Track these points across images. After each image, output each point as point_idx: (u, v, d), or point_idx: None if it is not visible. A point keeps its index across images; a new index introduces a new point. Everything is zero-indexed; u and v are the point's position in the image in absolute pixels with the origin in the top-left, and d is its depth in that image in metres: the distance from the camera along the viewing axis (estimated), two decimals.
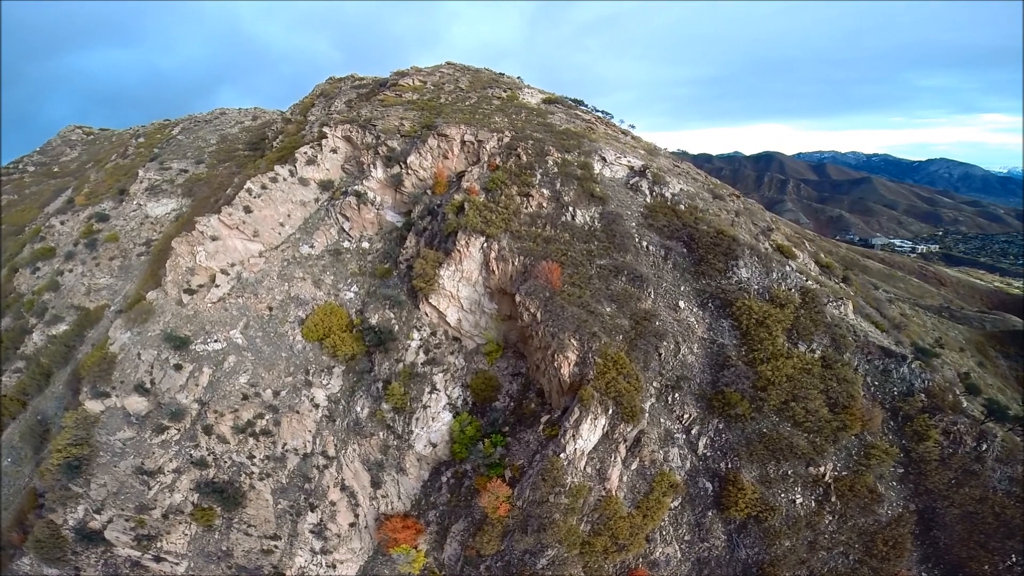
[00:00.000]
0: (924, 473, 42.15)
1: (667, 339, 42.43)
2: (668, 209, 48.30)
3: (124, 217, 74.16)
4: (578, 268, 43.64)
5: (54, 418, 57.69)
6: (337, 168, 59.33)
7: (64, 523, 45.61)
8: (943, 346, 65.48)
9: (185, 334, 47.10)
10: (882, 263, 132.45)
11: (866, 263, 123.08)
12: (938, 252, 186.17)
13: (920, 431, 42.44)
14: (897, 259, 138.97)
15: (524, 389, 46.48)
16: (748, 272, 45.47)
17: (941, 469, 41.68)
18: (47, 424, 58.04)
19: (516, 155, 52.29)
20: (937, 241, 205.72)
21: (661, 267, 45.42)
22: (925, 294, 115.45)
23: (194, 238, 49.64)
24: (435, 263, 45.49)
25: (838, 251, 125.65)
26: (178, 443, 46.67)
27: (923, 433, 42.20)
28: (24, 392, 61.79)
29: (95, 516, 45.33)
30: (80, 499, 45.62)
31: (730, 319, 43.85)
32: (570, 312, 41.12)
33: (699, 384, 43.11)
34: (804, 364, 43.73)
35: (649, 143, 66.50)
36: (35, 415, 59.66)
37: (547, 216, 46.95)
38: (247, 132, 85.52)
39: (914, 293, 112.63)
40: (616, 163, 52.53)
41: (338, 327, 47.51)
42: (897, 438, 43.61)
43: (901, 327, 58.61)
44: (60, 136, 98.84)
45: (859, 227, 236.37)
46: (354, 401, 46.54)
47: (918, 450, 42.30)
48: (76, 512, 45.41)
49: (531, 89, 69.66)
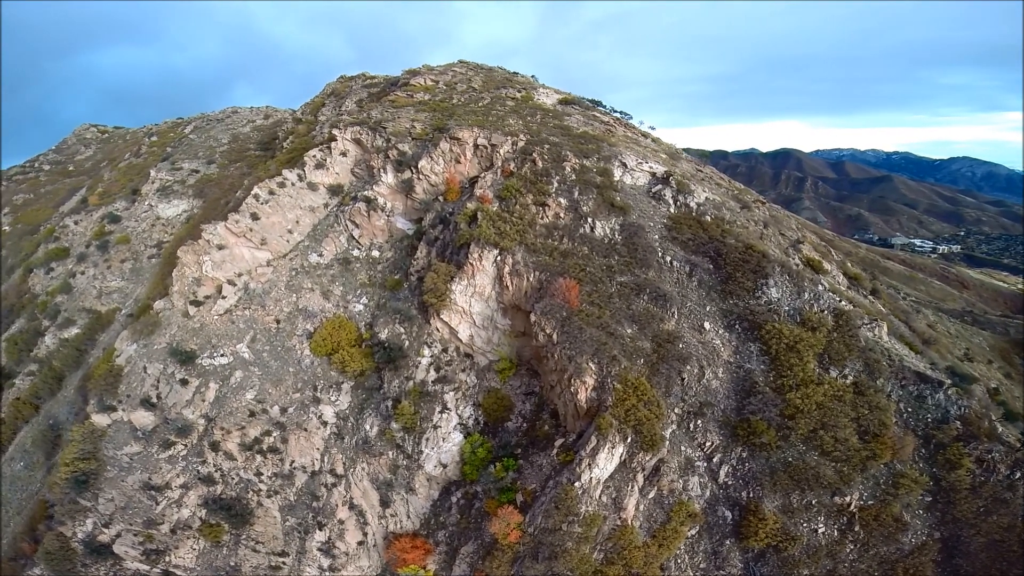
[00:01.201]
0: (953, 502, 39.49)
1: (691, 363, 39.32)
2: (693, 221, 44.69)
3: (136, 218, 72.27)
4: (597, 285, 40.45)
5: (65, 423, 56.38)
6: (347, 172, 56.45)
7: (73, 535, 44.37)
8: (972, 359, 61.63)
9: (191, 348, 44.94)
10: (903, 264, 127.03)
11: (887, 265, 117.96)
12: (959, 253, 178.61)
13: (953, 460, 39.65)
14: (918, 261, 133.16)
15: (537, 409, 43.80)
16: (778, 292, 41.89)
17: (971, 497, 39.01)
18: (59, 429, 56.80)
19: (531, 160, 48.93)
20: (959, 241, 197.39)
21: (685, 285, 42.01)
22: (947, 297, 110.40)
23: (200, 247, 47.26)
24: (446, 277, 42.59)
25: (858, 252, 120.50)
26: (185, 459, 44.89)
27: (956, 462, 39.48)
28: (37, 396, 60.61)
29: (104, 530, 43.98)
30: (89, 512, 44.28)
31: (758, 343, 40.49)
32: (588, 334, 38.09)
33: (723, 411, 40.13)
34: (835, 391, 40.62)
35: (670, 146, 62.53)
36: (47, 419, 58.46)
37: (564, 228, 43.67)
38: (259, 131, 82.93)
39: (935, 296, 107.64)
40: (637, 169, 48.91)
41: (347, 342, 45.00)
42: (928, 466, 40.75)
43: (930, 342, 54.82)
44: (75, 135, 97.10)
45: (878, 226, 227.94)
46: (363, 419, 44.20)
47: (949, 479, 39.58)
48: (85, 525, 44.11)
49: (546, 89, 65.82)
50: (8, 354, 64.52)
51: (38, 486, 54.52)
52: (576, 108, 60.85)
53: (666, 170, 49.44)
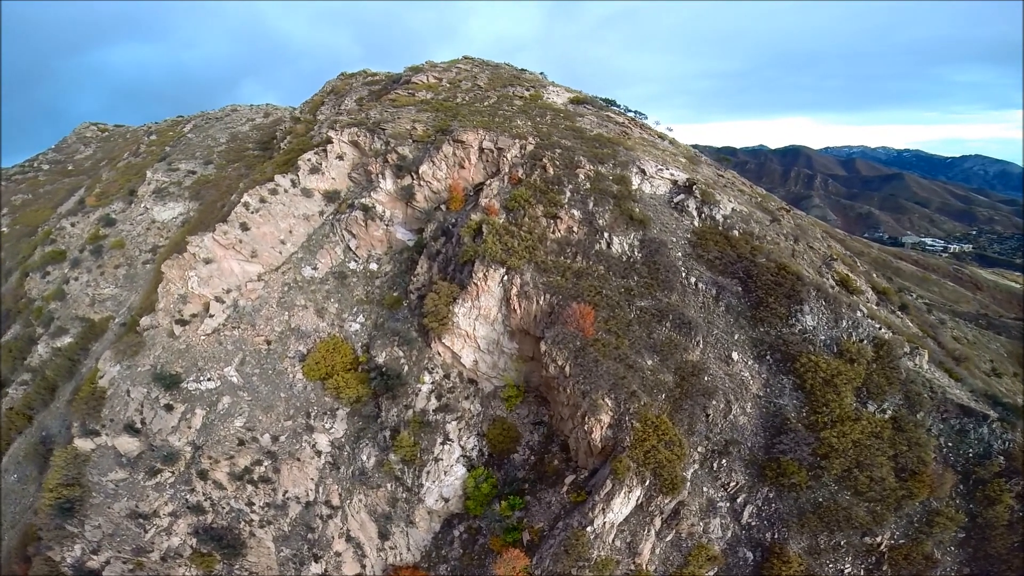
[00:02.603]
0: (988, 538, 35.10)
1: (717, 397, 34.35)
2: (720, 236, 39.24)
3: (131, 221, 67.74)
4: (615, 311, 35.35)
5: (57, 437, 52.72)
6: (344, 177, 51.35)
7: (62, 560, 40.88)
8: (1000, 374, 56.36)
9: (176, 371, 40.52)
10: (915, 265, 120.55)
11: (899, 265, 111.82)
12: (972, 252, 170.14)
13: (992, 496, 35.22)
14: (931, 261, 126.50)
15: (546, 441, 39.10)
16: (814, 319, 36.49)
17: (1007, 533, 34.68)
18: (51, 443, 53.11)
19: (541, 167, 43.55)
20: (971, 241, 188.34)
21: (712, 310, 36.75)
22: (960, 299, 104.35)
23: (185, 261, 42.58)
24: (449, 298, 37.66)
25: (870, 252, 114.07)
26: (173, 486, 40.85)
27: (995, 498, 35.07)
28: (30, 406, 56.89)
29: (93, 556, 40.45)
30: (76, 538, 40.66)
31: (792, 376, 35.29)
32: (605, 367, 33.11)
33: (750, 449, 35.27)
34: (873, 427, 35.62)
35: (688, 149, 56.67)
36: (40, 431, 54.79)
37: (578, 243, 38.42)
38: (258, 130, 77.77)
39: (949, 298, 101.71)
40: (657, 176, 43.36)
41: (342, 366, 40.35)
42: (964, 502, 36.08)
43: (961, 359, 49.49)
44: (75, 133, 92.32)
45: (889, 225, 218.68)
46: (359, 448, 39.73)
47: (986, 515, 35.18)
48: (73, 551, 40.52)
49: (556, 87, 59.88)
50: (3, 362, 60.78)
51: (31, 500, 51.23)
52: (589, 108, 55.07)
53: (688, 177, 43.86)
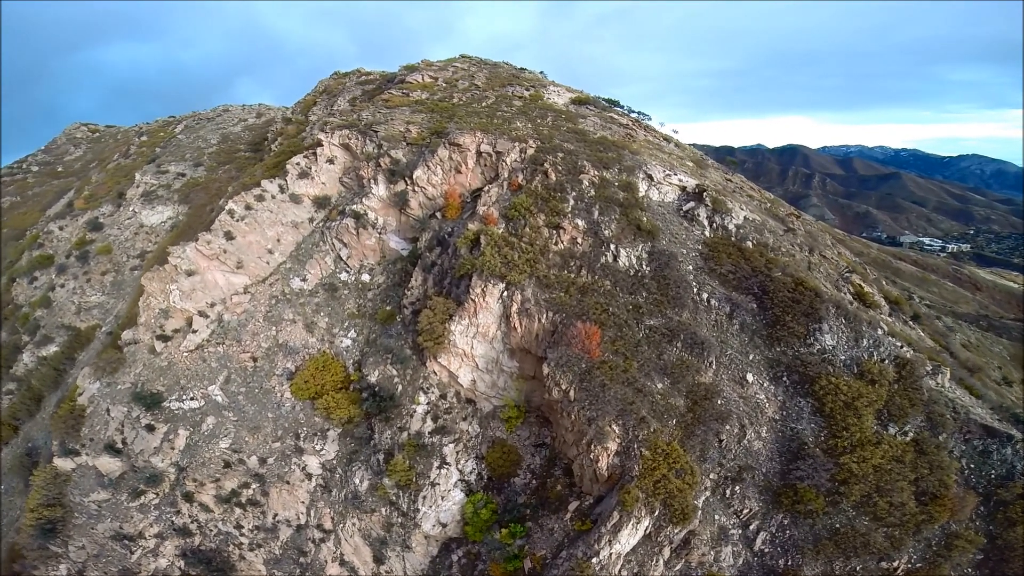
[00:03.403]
0: (1006, 559, 33.10)
1: (730, 421, 31.66)
2: (732, 248, 36.28)
3: (119, 226, 64.51)
4: (622, 330, 32.47)
5: (43, 448, 50.20)
6: (334, 182, 48.19)
7: None
8: (1011, 382, 53.87)
9: (158, 389, 37.67)
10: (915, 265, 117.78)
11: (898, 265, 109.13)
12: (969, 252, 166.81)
13: (1014, 517, 33.08)
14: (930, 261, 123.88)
15: (549, 464, 36.40)
16: (834, 338, 33.63)
17: None
18: (36, 455, 50.56)
19: (543, 172, 40.46)
20: (968, 240, 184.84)
21: (726, 329, 33.88)
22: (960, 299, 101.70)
23: (167, 273, 39.56)
24: (444, 315, 34.77)
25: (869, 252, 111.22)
26: (158, 508, 38.23)
27: (1017, 519, 33.03)
28: (15, 417, 54.10)
29: None
30: (61, 559, 38.26)
31: (810, 399, 32.56)
32: (612, 392, 30.30)
33: (765, 475, 32.68)
34: (895, 451, 33.16)
35: (695, 152, 53.46)
36: (26, 442, 52.07)
37: (583, 256, 35.45)
38: (250, 131, 74.35)
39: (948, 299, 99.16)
40: (665, 183, 40.30)
41: (332, 384, 37.53)
42: (984, 523, 33.86)
43: (975, 369, 46.90)
44: (65, 134, 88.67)
45: (887, 224, 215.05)
46: (352, 472, 37.04)
47: (1005, 536, 33.04)
48: (58, 570, 38.29)
49: (557, 87, 56.51)
50: None
51: (18, 513, 48.79)
52: (591, 109, 51.80)
53: (698, 183, 40.80)
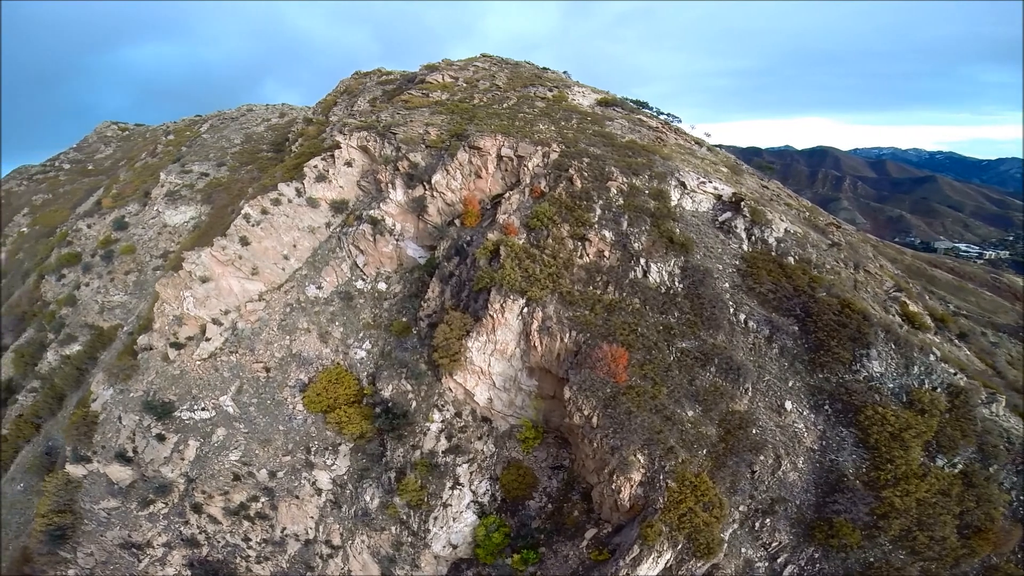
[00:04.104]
0: None
1: (765, 452, 28.73)
2: (773, 263, 33.07)
3: (143, 225, 64.20)
4: (651, 352, 29.73)
5: (61, 449, 50.01)
6: (352, 185, 46.40)
7: None
8: None
9: (169, 398, 36.51)
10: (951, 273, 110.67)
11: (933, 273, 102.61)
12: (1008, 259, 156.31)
13: None
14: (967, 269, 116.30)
15: (566, 488, 33.91)
16: (882, 365, 30.25)
17: None
18: (55, 454, 50.39)
19: (567, 178, 37.79)
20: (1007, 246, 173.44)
21: (764, 353, 30.80)
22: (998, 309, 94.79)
23: (181, 279, 38.33)
24: (461, 331, 32.56)
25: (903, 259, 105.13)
26: (167, 517, 37.18)
27: None
28: (37, 415, 54.03)
29: None
30: (70, 564, 37.61)
31: (854, 429, 29.36)
32: (639, 420, 27.65)
33: (798, 507, 29.72)
34: (941, 484, 29.90)
35: (728, 156, 49.87)
36: (46, 441, 51.81)
37: (610, 271, 32.73)
38: (273, 131, 73.34)
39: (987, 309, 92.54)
40: (699, 191, 37.18)
41: (345, 398, 35.77)
42: None
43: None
44: (96, 132, 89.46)
45: (921, 229, 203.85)
46: (362, 489, 35.25)
47: None
48: (67, 575, 37.57)
49: (582, 87, 53.48)
50: (15, 367, 58.21)
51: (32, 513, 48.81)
52: (619, 111, 48.73)
53: (734, 192, 37.57)
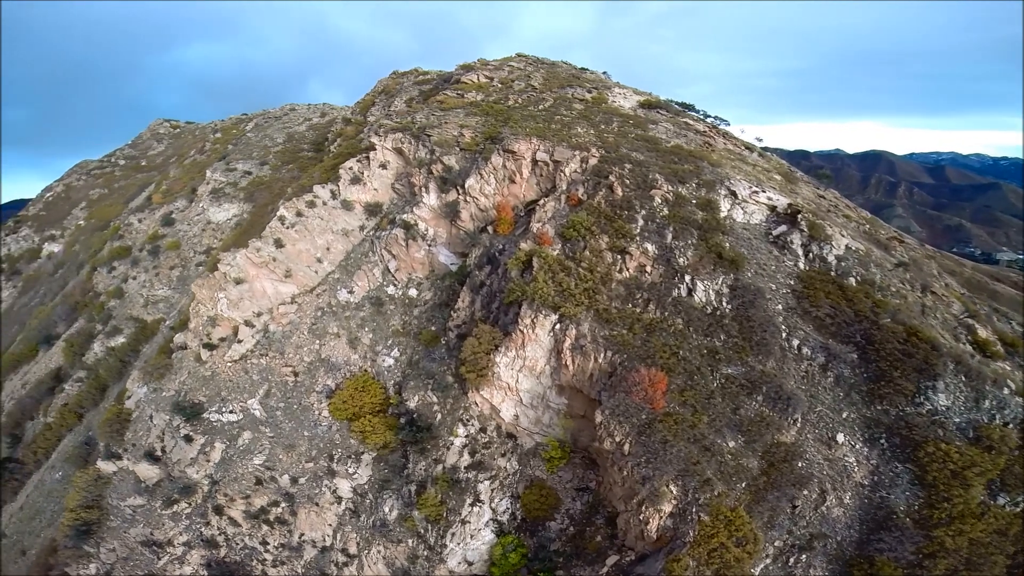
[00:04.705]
0: None
1: (809, 486, 25.95)
2: (832, 286, 29.82)
3: (188, 221, 65.90)
4: (693, 378, 27.27)
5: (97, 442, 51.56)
6: (387, 188, 45.57)
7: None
8: None
9: (199, 399, 36.64)
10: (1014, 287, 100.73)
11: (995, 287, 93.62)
12: None
13: None
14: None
15: (590, 511, 31.81)
16: (949, 398, 26.82)
17: None
18: (93, 446, 51.97)
19: (607, 186, 35.54)
20: None
21: (817, 382, 27.78)
22: None
23: (216, 281, 38.42)
24: (489, 345, 30.95)
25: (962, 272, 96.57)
26: (189, 517, 37.40)
27: None
28: (81, 405, 55.98)
29: None
30: (92, 559, 38.50)
31: (910, 465, 26.23)
32: (675, 451, 25.35)
33: (838, 543, 26.79)
34: (999, 523, 26.40)
35: (781, 163, 46.10)
36: (86, 431, 53.26)
37: (651, 288, 30.34)
38: (314, 130, 73.98)
39: None
40: (751, 201, 34.17)
41: (370, 407, 34.87)
42: None
43: None
44: (149, 129, 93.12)
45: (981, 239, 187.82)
46: (382, 500, 34.29)
47: None
48: (88, 569, 38.39)
49: (622, 89, 50.76)
50: (65, 356, 60.73)
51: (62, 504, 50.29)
52: (663, 113, 45.90)
53: (790, 202, 34.32)
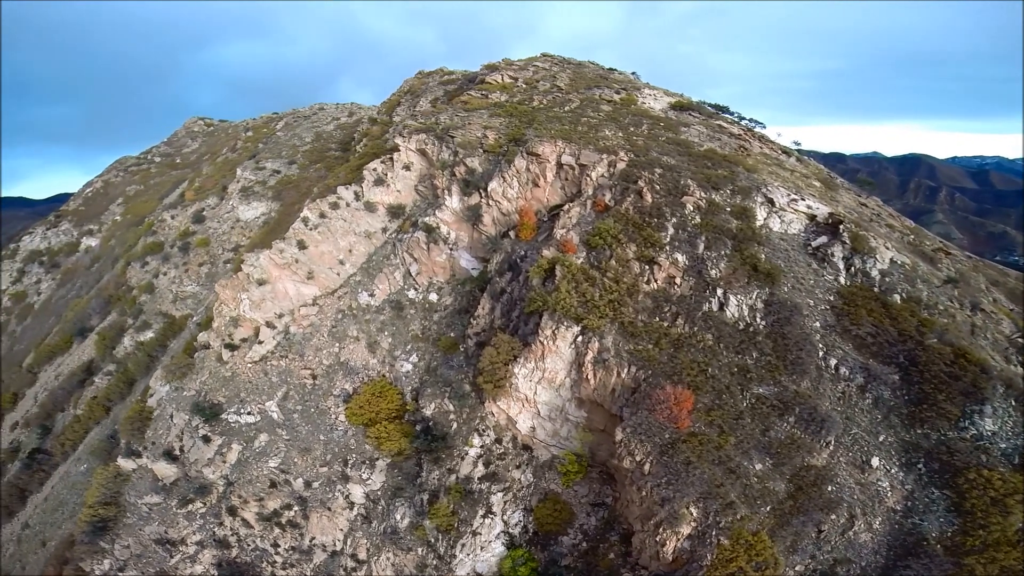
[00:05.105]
0: None
1: (838, 511, 24.26)
2: (875, 302, 27.70)
3: (218, 219, 67.02)
4: (722, 397, 25.70)
5: None
6: (410, 189, 45.06)
7: (91, 572, 39.89)
8: None
9: (219, 400, 36.76)
10: None
11: None
12: None
13: None
14: None
15: (605, 528, 30.52)
16: (996, 423, 24.81)
17: None
18: (117, 439, 53.01)
19: (636, 191, 34.05)
20: None
21: (854, 403, 25.84)
22: None
23: (239, 281, 38.52)
24: (508, 355, 29.92)
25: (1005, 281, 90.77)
26: (203, 517, 37.63)
27: None
28: (109, 398, 57.22)
29: (118, 573, 39.06)
30: (106, 554, 39.24)
31: (948, 491, 24.45)
32: (698, 472, 23.89)
33: (862, 568, 25.08)
34: None
35: (820, 168, 43.60)
36: (113, 424, 54.40)
37: (680, 301, 28.77)
38: (341, 130, 74.38)
39: None
40: (789, 209, 32.17)
41: (386, 413, 34.33)
42: None
43: None
44: (184, 127, 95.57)
45: None
46: (394, 507, 33.69)
47: None
48: (102, 565, 39.08)
49: (652, 90, 48.94)
50: (96, 348, 62.42)
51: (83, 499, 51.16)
52: (695, 116, 44.01)
53: (831, 211, 32.17)
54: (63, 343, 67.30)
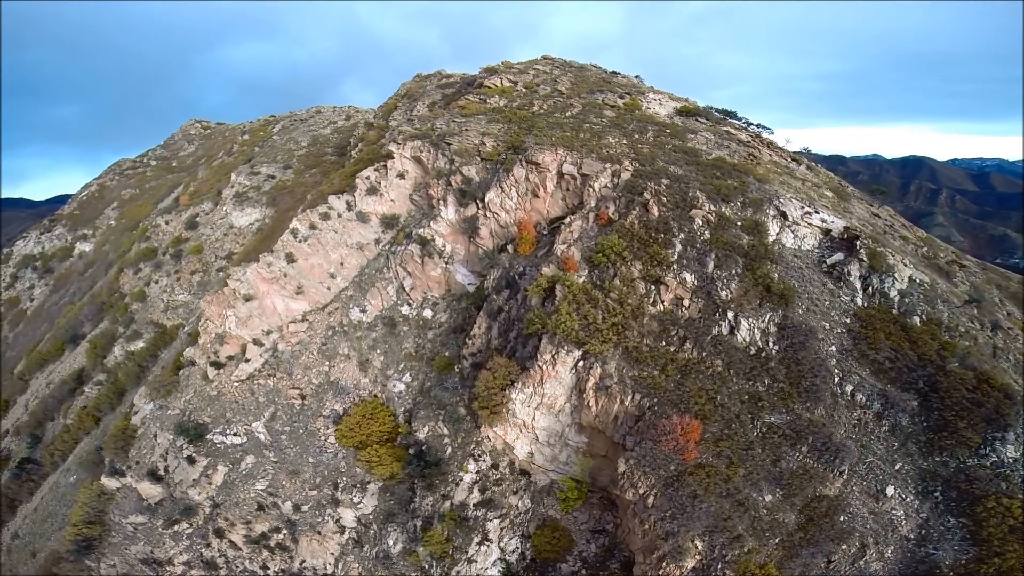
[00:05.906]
0: None
1: (850, 541, 22.61)
2: (894, 325, 25.93)
3: (211, 225, 65.39)
4: (731, 426, 23.99)
5: None
6: (404, 199, 43.36)
7: None
8: None
9: (204, 420, 35.16)
10: None
11: None
12: None
13: None
14: None
15: (605, 555, 28.87)
16: (1019, 450, 23.36)
17: None
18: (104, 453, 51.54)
19: (642, 204, 32.27)
20: None
21: (870, 431, 24.15)
22: None
23: (225, 297, 36.89)
24: (505, 380, 28.25)
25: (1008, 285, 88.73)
26: (189, 538, 36.04)
27: None
28: (99, 408, 55.74)
29: None
30: (92, 573, 37.84)
31: (965, 519, 22.87)
32: (705, 506, 22.22)
33: None
34: None
35: (831, 177, 41.71)
36: (102, 435, 53.08)
37: (688, 324, 27.03)
38: (338, 134, 72.66)
39: None
40: (802, 223, 30.36)
41: (378, 435, 32.69)
42: None
43: None
44: (181, 130, 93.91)
45: None
46: (387, 532, 32.04)
47: None
48: None
49: (657, 94, 47.07)
50: (88, 357, 60.95)
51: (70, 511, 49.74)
52: (703, 122, 42.17)
53: (846, 226, 30.35)
54: (55, 350, 65.87)
